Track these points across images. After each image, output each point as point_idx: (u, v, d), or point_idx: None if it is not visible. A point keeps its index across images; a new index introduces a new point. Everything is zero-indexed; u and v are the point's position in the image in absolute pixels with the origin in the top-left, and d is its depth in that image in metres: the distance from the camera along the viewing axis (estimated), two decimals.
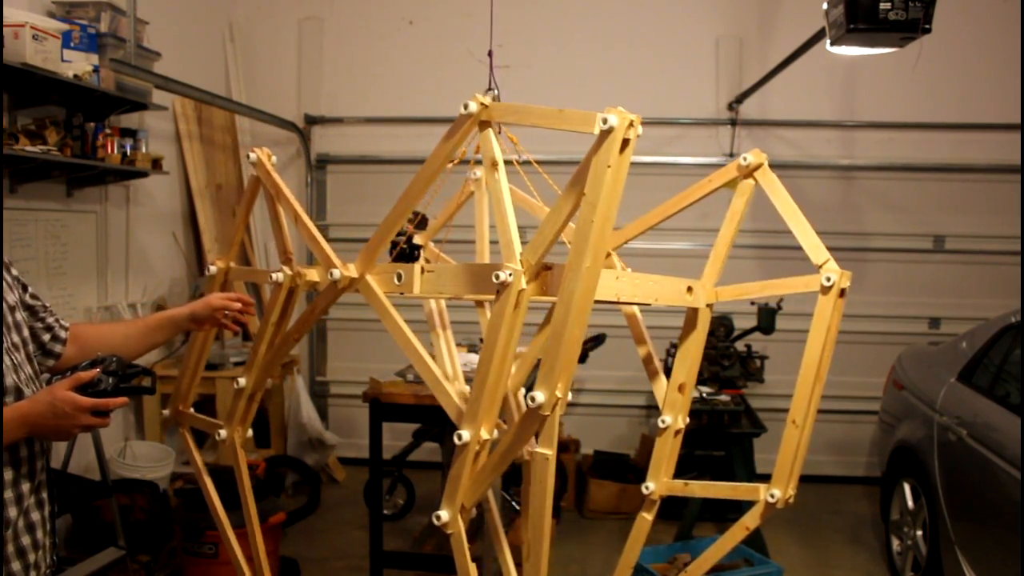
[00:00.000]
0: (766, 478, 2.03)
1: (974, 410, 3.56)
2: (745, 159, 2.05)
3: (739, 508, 4.44)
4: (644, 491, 2.20)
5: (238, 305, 2.18)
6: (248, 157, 2.16)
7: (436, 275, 1.79)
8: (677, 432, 2.22)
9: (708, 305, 2.15)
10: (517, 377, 2.18)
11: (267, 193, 2.15)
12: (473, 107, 1.68)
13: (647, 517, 2.22)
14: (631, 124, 1.45)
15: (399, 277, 1.83)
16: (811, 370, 1.91)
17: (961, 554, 3.43)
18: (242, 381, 2.16)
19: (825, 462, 5.87)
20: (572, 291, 1.49)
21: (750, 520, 2.05)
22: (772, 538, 4.63)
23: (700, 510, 4.42)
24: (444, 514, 1.74)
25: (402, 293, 1.83)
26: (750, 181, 2.08)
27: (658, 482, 2.19)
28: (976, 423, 3.47)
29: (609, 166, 1.45)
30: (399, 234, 2.44)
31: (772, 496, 1.99)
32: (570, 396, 1.61)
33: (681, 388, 2.20)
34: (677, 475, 2.26)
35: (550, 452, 1.60)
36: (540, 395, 1.53)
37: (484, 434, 1.70)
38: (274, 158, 2.21)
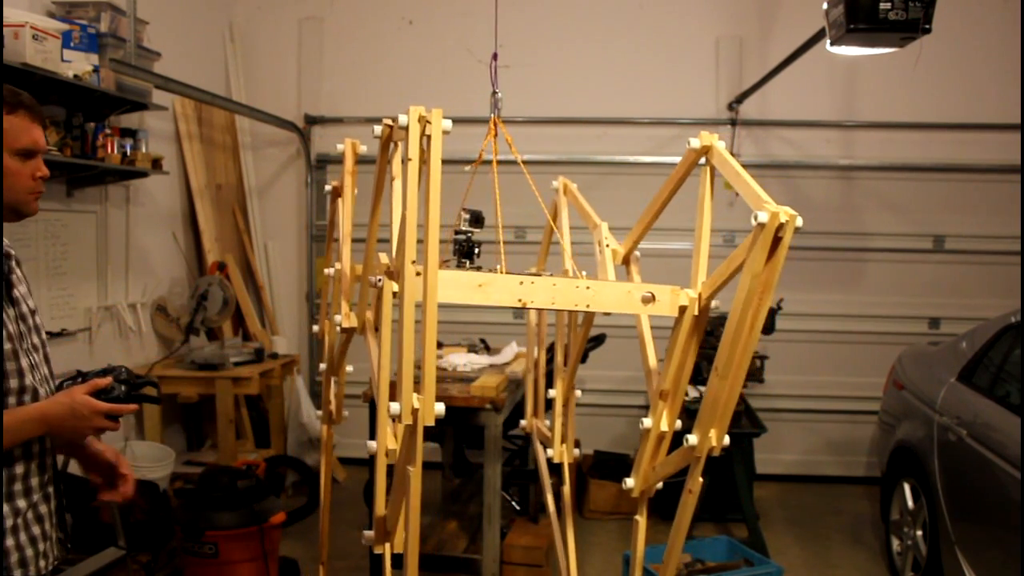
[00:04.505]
0: (766, 478, 1.99)
1: (974, 410, 3.56)
2: (689, 143, 1.93)
3: (738, 508, 4.47)
4: (623, 487, 2.09)
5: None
6: (337, 147, 2.43)
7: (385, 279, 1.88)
8: (662, 437, 2.03)
9: (703, 309, 1.93)
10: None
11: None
12: (377, 130, 1.87)
13: (639, 519, 2.13)
14: (425, 120, 1.49)
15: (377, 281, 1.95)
16: (735, 314, 1.68)
17: (961, 554, 3.43)
18: (322, 366, 2.81)
19: (825, 462, 5.87)
20: (403, 290, 1.51)
21: (690, 482, 1.90)
22: (772, 538, 4.63)
23: (700, 510, 4.43)
24: (369, 533, 1.74)
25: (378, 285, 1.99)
26: (706, 167, 1.97)
27: (637, 477, 2.08)
28: (976, 423, 3.47)
29: (409, 159, 1.50)
30: (457, 232, 2.42)
31: (686, 441, 1.82)
32: (440, 408, 1.47)
33: (663, 395, 1.99)
34: (677, 475, 2.17)
35: (412, 468, 1.53)
36: (394, 406, 1.47)
37: (390, 444, 1.69)
38: (363, 147, 2.33)
